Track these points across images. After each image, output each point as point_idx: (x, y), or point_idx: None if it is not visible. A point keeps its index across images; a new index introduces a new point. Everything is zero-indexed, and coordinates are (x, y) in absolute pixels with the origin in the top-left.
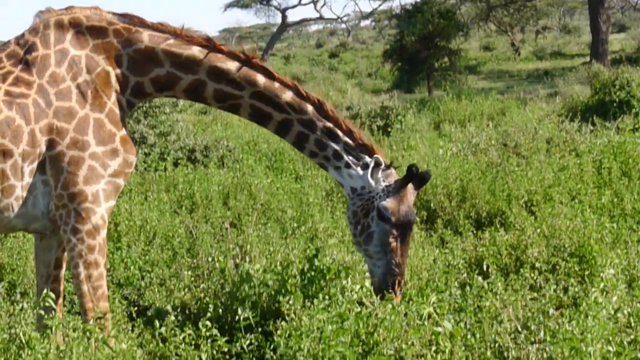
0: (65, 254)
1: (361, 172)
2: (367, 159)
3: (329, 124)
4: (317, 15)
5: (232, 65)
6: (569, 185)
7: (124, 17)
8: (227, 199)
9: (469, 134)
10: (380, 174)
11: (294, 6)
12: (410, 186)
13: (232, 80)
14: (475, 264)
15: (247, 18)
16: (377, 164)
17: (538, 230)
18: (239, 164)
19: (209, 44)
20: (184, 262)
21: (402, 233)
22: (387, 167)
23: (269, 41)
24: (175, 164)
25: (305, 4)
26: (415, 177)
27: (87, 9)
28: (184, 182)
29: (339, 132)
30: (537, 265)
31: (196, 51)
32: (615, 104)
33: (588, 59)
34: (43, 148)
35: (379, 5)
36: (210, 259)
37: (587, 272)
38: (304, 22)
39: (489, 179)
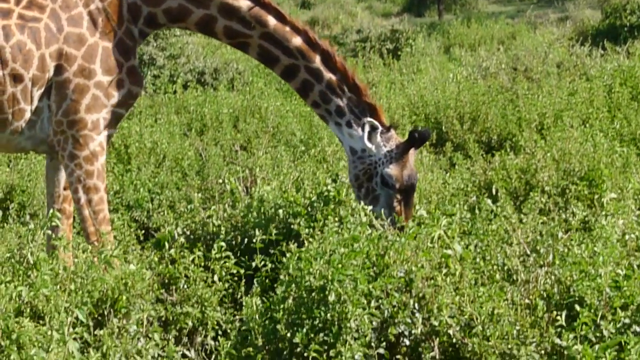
0: None
1: (361, 133)
2: (370, 119)
3: (336, 77)
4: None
5: (243, 4)
6: (579, 110)
7: None
8: (237, 121)
9: (480, 58)
10: (379, 138)
11: None
12: (411, 151)
13: (242, 18)
14: (484, 188)
15: None
16: (373, 128)
17: (548, 154)
18: (249, 86)
19: None
20: (193, 185)
21: (405, 196)
22: (387, 129)
23: None
24: (185, 87)
25: None
26: (417, 140)
27: None
28: (194, 104)
29: (345, 87)
30: (547, 188)
31: None
32: (626, 29)
33: None
34: (52, 73)
35: None
36: (220, 181)
37: (596, 196)
38: None
39: (499, 103)
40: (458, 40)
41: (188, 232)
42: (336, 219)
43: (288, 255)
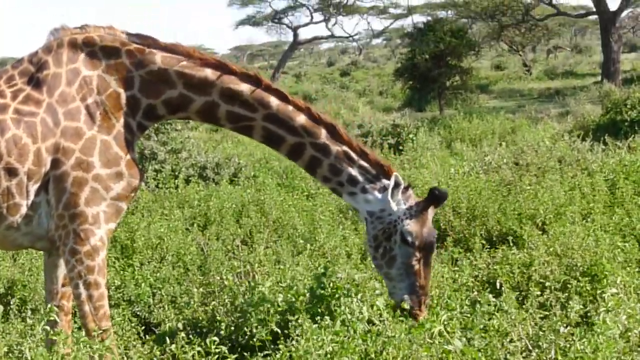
0: None
1: (379, 196)
2: (385, 181)
3: (344, 148)
4: (329, 33)
5: (245, 87)
6: (580, 205)
7: (137, 37)
8: (239, 216)
9: (482, 153)
10: (400, 195)
11: (306, 24)
12: (430, 209)
13: (245, 101)
14: (486, 282)
15: (258, 36)
16: (397, 184)
17: (551, 249)
18: (251, 181)
19: (222, 65)
20: (195, 279)
21: (425, 255)
22: (406, 188)
23: (281, 59)
24: (187, 181)
25: (316, 22)
26: (437, 197)
27: (101, 29)
28: (197, 199)
29: (354, 155)
30: (547, 284)
31: (209, 73)
32: (626, 123)
33: (599, 78)
34: (48, 167)
35: (391, 24)
36: (221, 277)
37: (598, 291)
38: (315, 40)
39: (500, 198)
40: (459, 135)
41: (189, 328)
42: (331, 315)
43: (278, 355)
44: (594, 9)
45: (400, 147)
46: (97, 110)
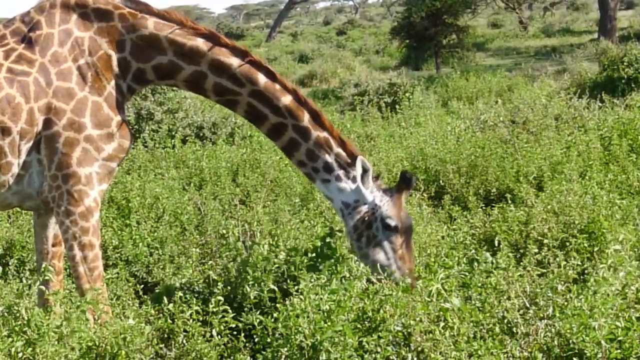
0: None
1: (353, 186)
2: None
3: (324, 134)
4: None
5: (234, 61)
6: (577, 162)
7: (131, 1)
8: (235, 175)
9: (478, 111)
10: (371, 181)
11: None
12: (403, 192)
13: (233, 75)
14: (484, 241)
15: None
16: (365, 170)
17: (548, 207)
18: (248, 140)
19: (214, 36)
20: (192, 239)
21: (406, 238)
22: (376, 178)
23: (277, 19)
24: (184, 141)
25: None
26: (409, 180)
27: None
28: (193, 159)
29: (333, 143)
30: (545, 241)
31: (200, 42)
32: (623, 81)
33: (596, 35)
34: (40, 127)
35: None
36: (218, 236)
37: (596, 249)
38: None
39: (498, 156)
40: (456, 94)
41: (186, 287)
42: (329, 274)
43: (275, 314)
44: None
45: (397, 106)
46: (89, 72)
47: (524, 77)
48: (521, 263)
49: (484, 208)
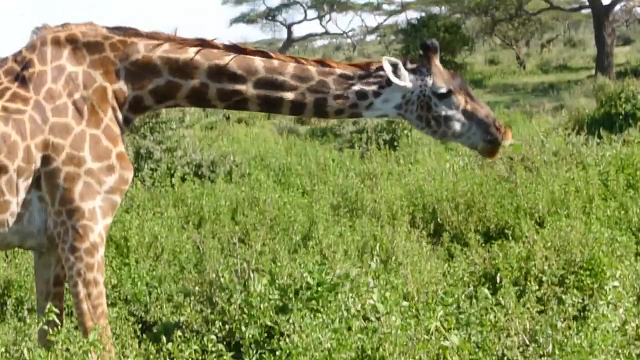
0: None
1: (391, 89)
2: (383, 73)
3: (337, 72)
4: (323, 30)
5: (229, 59)
6: (576, 198)
7: (118, 29)
8: (235, 213)
9: None
10: (403, 71)
11: (300, 21)
12: (433, 59)
13: (232, 75)
14: (483, 277)
15: (253, 33)
16: (394, 66)
17: (549, 244)
18: (247, 178)
19: (203, 42)
20: (191, 278)
21: (465, 93)
22: (403, 63)
23: None
24: (183, 180)
25: (310, 19)
26: (431, 46)
27: (82, 25)
28: (192, 197)
29: (350, 73)
30: (545, 278)
31: (192, 52)
32: (621, 117)
33: (593, 72)
34: (38, 164)
35: (385, 20)
36: (217, 275)
37: (596, 286)
38: (309, 37)
39: (496, 193)
40: None
41: (185, 326)
42: (325, 311)
43: (277, 353)
44: (587, 3)
45: (395, 143)
46: (85, 105)
47: (522, 114)
48: (521, 300)
49: (483, 245)
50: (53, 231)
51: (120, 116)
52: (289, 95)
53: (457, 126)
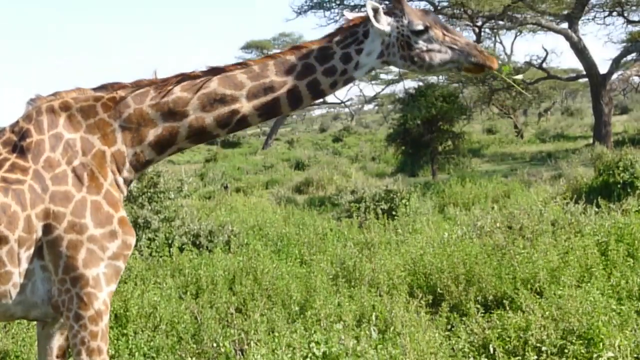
0: (69, 341)
1: (371, 41)
2: (356, 29)
3: (315, 49)
4: (320, 100)
5: (214, 84)
6: (575, 268)
7: (104, 88)
8: (232, 284)
9: (474, 217)
10: (382, 16)
11: None
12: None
13: (222, 97)
14: (482, 347)
15: None
16: (375, 10)
17: (547, 313)
18: (244, 248)
19: (184, 76)
20: (189, 348)
21: (441, 25)
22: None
23: (273, 126)
24: (181, 249)
25: None
26: None
27: (72, 92)
28: (189, 267)
29: (327, 45)
30: (544, 348)
31: (178, 90)
32: (619, 186)
33: (591, 140)
34: (40, 233)
35: (382, 90)
36: (215, 345)
37: (595, 355)
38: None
39: (494, 263)
40: (452, 200)
41: None
42: None
43: None
44: (585, 72)
45: (394, 213)
46: (84, 172)
47: (520, 183)
48: None
49: (483, 314)
50: (58, 299)
51: (120, 179)
52: (282, 92)
53: (440, 57)
